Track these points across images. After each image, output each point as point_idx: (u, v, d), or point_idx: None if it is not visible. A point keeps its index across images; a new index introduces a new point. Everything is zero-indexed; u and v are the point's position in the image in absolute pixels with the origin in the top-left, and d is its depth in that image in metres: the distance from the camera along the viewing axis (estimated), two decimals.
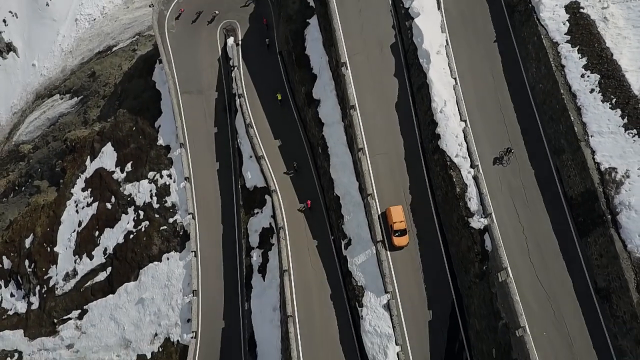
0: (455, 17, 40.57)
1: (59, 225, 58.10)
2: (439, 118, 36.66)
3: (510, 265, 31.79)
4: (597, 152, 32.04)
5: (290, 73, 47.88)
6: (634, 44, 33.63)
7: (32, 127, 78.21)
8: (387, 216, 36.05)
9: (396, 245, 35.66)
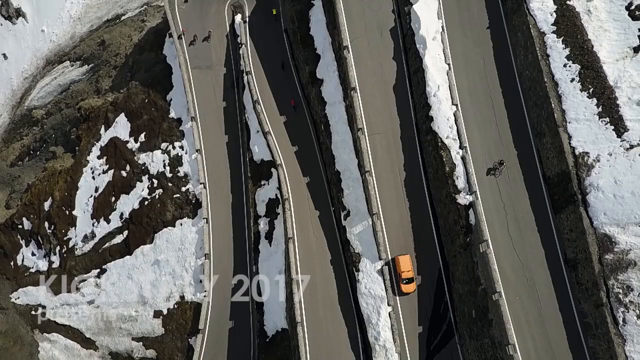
0: (452, 4, 42.92)
1: (76, 190, 61.82)
2: (432, 101, 39.87)
3: (490, 237, 35.85)
4: (573, 138, 35.43)
5: (295, 51, 50.47)
6: (613, 37, 36.40)
7: (43, 93, 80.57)
8: (397, 265, 38.78)
9: (404, 291, 38.55)
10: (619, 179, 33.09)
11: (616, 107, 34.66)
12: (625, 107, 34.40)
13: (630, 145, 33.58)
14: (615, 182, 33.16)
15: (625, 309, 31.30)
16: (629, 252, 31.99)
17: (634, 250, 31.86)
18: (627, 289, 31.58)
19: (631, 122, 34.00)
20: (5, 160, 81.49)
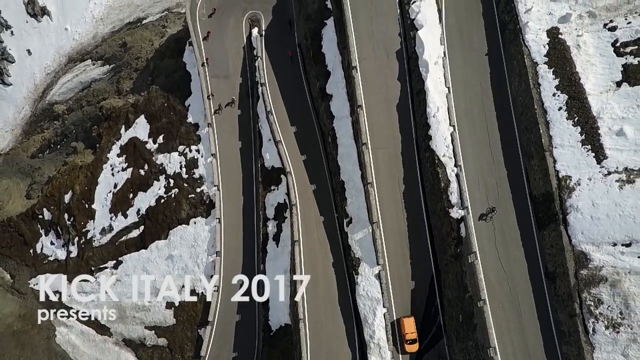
0: (454, 31, 46.22)
1: (96, 185, 65.63)
2: (431, 122, 43.30)
3: (478, 249, 39.40)
4: (558, 162, 38.82)
5: (307, 66, 53.95)
6: (599, 71, 39.70)
7: (64, 89, 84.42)
8: (401, 326, 41.37)
9: (407, 351, 41.39)
10: (596, 202, 36.54)
11: (598, 136, 38.00)
12: (605, 137, 37.76)
13: (608, 172, 36.97)
14: (593, 205, 36.61)
15: (595, 320, 34.84)
16: (601, 269, 35.48)
17: (605, 267, 35.34)
18: (598, 302, 35.10)
19: (610, 151, 37.35)
20: (26, 152, 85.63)
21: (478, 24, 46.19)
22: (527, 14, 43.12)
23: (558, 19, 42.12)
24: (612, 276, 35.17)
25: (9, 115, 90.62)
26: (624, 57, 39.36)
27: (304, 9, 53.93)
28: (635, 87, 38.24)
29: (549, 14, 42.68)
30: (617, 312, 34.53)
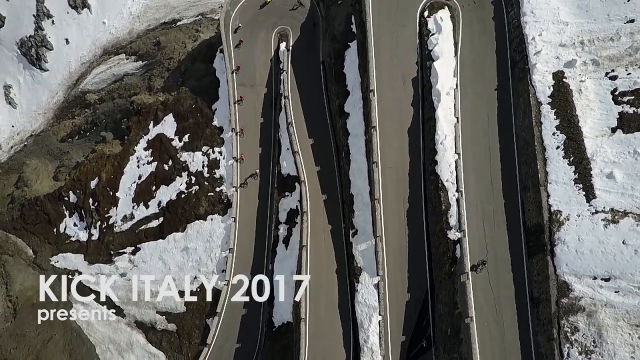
0: (468, 65, 49.43)
1: (121, 175, 69.95)
2: (439, 148, 46.76)
3: (470, 270, 42.82)
4: (551, 197, 42.01)
5: (328, 83, 57.62)
6: (597, 116, 42.79)
7: (97, 79, 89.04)
8: None
9: None
10: (582, 238, 39.77)
11: (589, 177, 41.16)
12: (596, 178, 40.90)
13: (596, 211, 40.14)
14: (579, 240, 39.84)
15: (570, 345, 38.08)
16: (580, 299, 38.71)
17: (584, 298, 38.56)
18: (574, 329, 38.35)
19: (599, 192, 40.50)
20: (56, 135, 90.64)
21: (491, 60, 49.30)
22: (537, 55, 46.27)
23: (564, 64, 45.15)
24: (590, 307, 38.35)
25: (43, 99, 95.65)
26: (621, 106, 42.34)
27: (331, 29, 57.54)
28: (629, 134, 41.26)
29: (556, 57, 45.75)
30: (591, 340, 37.72)
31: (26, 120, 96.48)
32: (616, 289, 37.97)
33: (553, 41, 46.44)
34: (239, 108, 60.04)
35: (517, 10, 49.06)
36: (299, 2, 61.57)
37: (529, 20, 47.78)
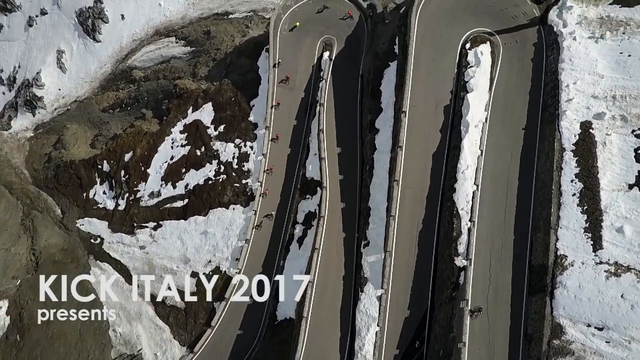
0: (500, 102, 51.02)
1: (155, 152, 73.22)
2: (459, 177, 48.58)
3: (471, 298, 44.58)
4: (559, 241, 43.52)
5: (364, 98, 59.79)
6: (616, 170, 44.05)
7: (145, 57, 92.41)
8: None
9: None
10: (583, 285, 41.22)
11: (599, 228, 42.54)
12: (606, 230, 42.26)
13: (600, 262, 41.54)
14: (579, 287, 41.30)
15: None
16: (571, 343, 40.18)
17: (575, 343, 40.03)
18: None
19: (607, 243, 41.85)
20: (98, 104, 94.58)
21: (523, 100, 50.86)
22: (568, 102, 47.72)
23: (593, 115, 46.50)
24: (579, 352, 39.81)
25: (92, 68, 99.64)
26: None
27: (374, 46, 59.69)
28: None
29: (587, 107, 47.13)
30: None
31: (73, 86, 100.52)
32: (608, 339, 39.38)
33: (586, 91, 47.84)
34: (275, 111, 62.53)
35: (557, 55, 50.57)
36: (350, 15, 63.68)
37: (566, 67, 49.27)
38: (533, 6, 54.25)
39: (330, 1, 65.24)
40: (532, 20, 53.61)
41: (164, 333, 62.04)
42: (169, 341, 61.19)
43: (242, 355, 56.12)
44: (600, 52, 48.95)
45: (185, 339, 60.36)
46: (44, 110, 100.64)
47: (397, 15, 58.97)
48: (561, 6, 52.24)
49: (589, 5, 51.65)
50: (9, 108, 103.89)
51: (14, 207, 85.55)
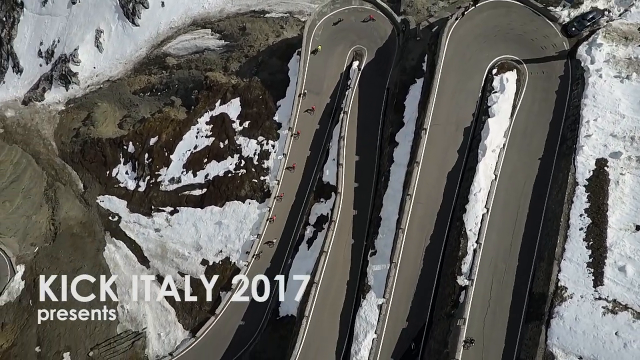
0: (519, 129, 51.98)
1: (180, 140, 75.45)
2: (471, 198, 49.76)
3: (468, 317, 45.82)
4: (562, 272, 44.54)
5: (387, 109, 61.16)
6: (626, 210, 44.86)
7: (180, 46, 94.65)
8: None
9: None
10: (579, 318, 42.22)
11: (602, 265, 43.45)
12: (608, 268, 43.15)
13: (599, 297, 42.47)
14: (575, 319, 42.31)
15: None
16: None
17: None
18: None
19: (608, 280, 42.75)
20: (130, 87, 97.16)
21: (542, 130, 51.74)
22: (586, 138, 48.57)
23: (610, 153, 47.30)
24: None
25: (127, 50, 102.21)
26: None
27: (403, 61, 60.97)
28: None
29: (604, 145, 47.93)
30: None
31: (107, 65, 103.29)
32: None
33: (606, 129, 48.64)
34: (300, 111, 64.22)
35: (581, 91, 51.40)
36: (372, 18, 65.44)
37: (588, 103, 50.10)
38: (563, 39, 54.97)
39: (365, 12, 66.54)
40: (561, 53, 54.36)
41: (169, 315, 64.19)
42: (174, 324, 63.32)
43: (241, 346, 58.03)
44: (625, 92, 49.65)
45: (189, 324, 62.43)
46: (77, 86, 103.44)
47: (429, 34, 60.03)
48: (591, 42, 53.03)
49: (618, 44, 52.36)
50: (44, 80, 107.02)
51: (39, 177, 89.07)
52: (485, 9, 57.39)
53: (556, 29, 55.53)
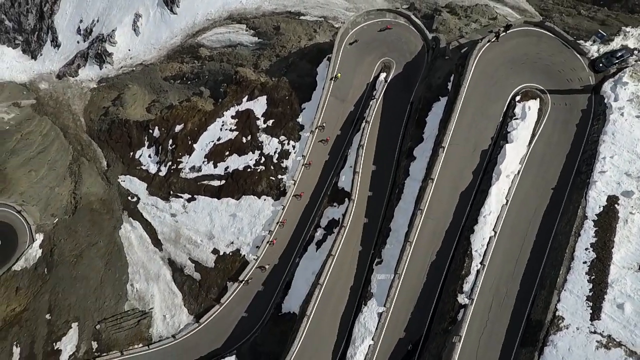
0: (536, 157, 52.82)
1: (204, 130, 77.51)
2: (480, 220, 50.87)
3: (464, 335, 46.99)
4: (561, 302, 45.49)
5: (409, 123, 62.40)
6: (631, 249, 45.61)
7: (214, 38, 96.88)
8: None
9: None
10: (572, 349, 43.16)
11: (602, 300, 44.28)
12: (607, 303, 43.98)
13: (595, 331, 43.35)
14: (569, 349, 43.26)
15: None
16: None
17: None
18: None
19: (605, 316, 43.60)
20: (162, 72, 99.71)
21: (559, 161, 52.47)
22: (601, 174, 49.34)
23: (622, 192, 48.00)
24: None
25: (163, 36, 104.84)
26: None
27: (429, 78, 62.16)
28: None
29: (617, 183, 48.66)
30: None
31: (142, 49, 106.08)
32: None
33: (621, 167, 49.36)
34: (324, 115, 65.82)
35: (601, 126, 52.10)
36: (389, 27, 67.18)
37: (607, 140, 50.83)
38: (590, 74, 55.68)
39: (396, 26, 67.85)
40: (586, 88, 55.08)
41: (176, 298, 66.31)
42: (179, 307, 65.43)
43: (242, 336, 59.97)
44: None
45: (194, 309, 64.47)
46: (110, 66, 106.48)
47: (457, 54, 61.17)
48: (617, 80, 53.68)
49: None
50: (79, 57, 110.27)
51: (65, 150, 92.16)
52: (515, 36, 58.40)
53: (584, 63, 56.20)
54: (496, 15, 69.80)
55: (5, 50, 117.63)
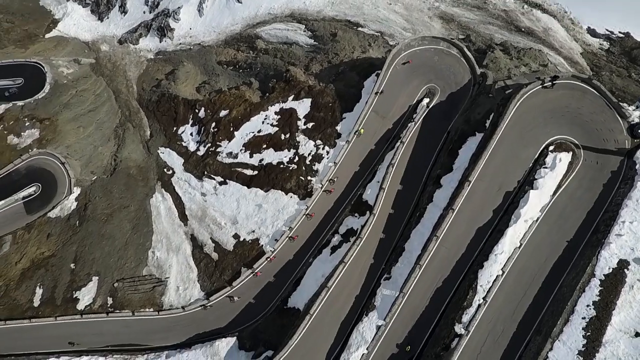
0: (557, 208, 54.16)
1: (247, 120, 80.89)
2: (491, 257, 52.73)
3: None
4: (553, 351, 47.06)
5: (442, 151, 64.40)
6: (631, 315, 46.79)
7: (272, 33, 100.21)
8: None
9: None
10: None
11: (592, 357, 45.72)
12: None
13: None
14: None
15: None
16: None
17: None
18: None
19: None
20: (217, 56, 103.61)
21: (579, 216, 53.75)
22: (617, 237, 50.53)
23: (634, 258, 49.16)
24: None
25: (224, 22, 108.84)
26: None
27: (470, 112, 63.97)
28: None
29: (631, 249, 49.78)
30: None
31: (202, 30, 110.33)
32: None
33: (638, 234, 50.45)
34: (362, 127, 68.47)
35: (627, 191, 53.16)
36: (409, 62, 69.57)
37: (630, 205, 51.92)
38: (627, 137, 56.68)
39: (447, 57, 69.78)
40: (620, 150, 56.14)
41: (191, 273, 70.01)
42: (193, 282, 69.09)
43: (245, 321, 63.25)
44: None
45: (207, 286, 68.03)
46: (170, 40, 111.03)
47: (501, 94, 62.79)
48: None
49: None
50: (143, 27, 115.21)
51: (114, 113, 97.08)
52: (561, 88, 59.74)
53: (623, 126, 57.20)
54: (547, 62, 71.15)
55: (75, 7, 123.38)
